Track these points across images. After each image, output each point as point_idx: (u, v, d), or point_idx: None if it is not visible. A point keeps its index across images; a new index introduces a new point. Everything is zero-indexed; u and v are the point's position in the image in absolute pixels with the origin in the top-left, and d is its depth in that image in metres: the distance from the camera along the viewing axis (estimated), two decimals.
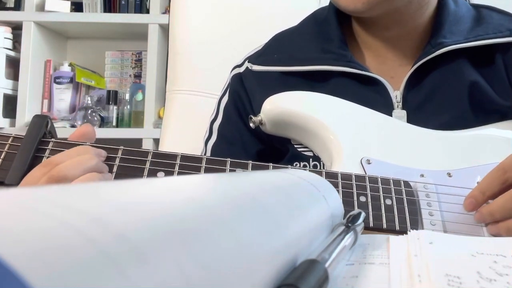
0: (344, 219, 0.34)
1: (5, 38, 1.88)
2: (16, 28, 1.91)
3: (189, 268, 0.14)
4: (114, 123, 1.94)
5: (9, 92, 1.89)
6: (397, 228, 0.49)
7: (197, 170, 0.51)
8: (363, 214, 0.35)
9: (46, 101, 1.95)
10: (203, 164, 0.51)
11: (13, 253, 0.10)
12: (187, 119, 0.94)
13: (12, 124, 1.86)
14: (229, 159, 0.52)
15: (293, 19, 0.80)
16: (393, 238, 0.34)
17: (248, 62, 0.73)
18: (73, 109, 1.97)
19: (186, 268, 0.14)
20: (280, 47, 0.74)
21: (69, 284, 0.11)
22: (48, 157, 0.48)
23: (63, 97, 1.96)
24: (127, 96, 1.97)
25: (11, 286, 0.10)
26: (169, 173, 0.50)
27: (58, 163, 0.45)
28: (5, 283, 0.10)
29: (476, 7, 0.73)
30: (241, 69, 0.74)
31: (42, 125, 0.50)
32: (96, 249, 0.12)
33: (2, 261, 0.10)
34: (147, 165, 0.50)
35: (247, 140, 0.72)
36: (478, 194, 0.49)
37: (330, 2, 0.74)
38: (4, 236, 0.11)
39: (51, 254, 0.11)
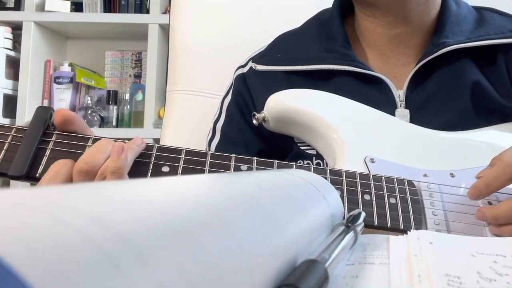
0: (344, 219, 0.34)
1: (5, 38, 1.88)
2: (16, 28, 1.91)
3: (189, 268, 0.14)
4: (114, 123, 1.94)
5: (9, 92, 1.89)
6: (402, 227, 0.49)
7: (202, 165, 0.50)
8: (363, 214, 0.35)
9: (46, 101, 1.95)
10: (208, 159, 0.50)
11: (13, 253, 0.10)
12: (187, 119, 0.94)
13: (12, 124, 1.86)
14: (234, 155, 0.52)
15: (294, 19, 0.80)
16: (393, 238, 0.34)
17: (252, 62, 0.74)
18: (73, 109, 1.97)
19: (186, 268, 0.14)
20: (283, 47, 0.74)
21: (69, 284, 0.11)
22: (51, 149, 0.48)
23: (63, 97, 1.96)
24: (127, 96, 1.97)
25: (11, 286, 0.10)
26: (173, 167, 0.49)
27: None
28: (5, 283, 0.10)
29: (478, 9, 0.74)
30: (245, 69, 0.75)
31: (46, 117, 0.49)
32: (96, 249, 0.12)
33: (2, 261, 0.10)
34: (152, 159, 0.49)
35: (249, 139, 0.72)
36: (482, 186, 0.49)
37: (334, 3, 0.75)
38: (4, 236, 0.11)
39: (51, 254, 0.11)
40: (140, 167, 0.49)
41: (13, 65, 1.91)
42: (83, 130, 0.50)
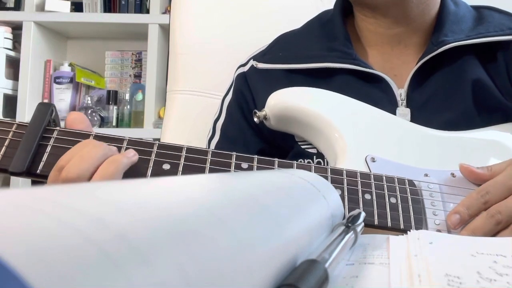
0: (344, 219, 0.34)
1: (5, 38, 1.88)
2: (16, 28, 1.91)
3: (189, 269, 0.14)
4: (114, 123, 1.94)
5: (9, 92, 1.89)
6: (402, 226, 0.49)
7: (202, 163, 0.50)
8: (363, 214, 0.35)
9: (46, 101, 1.95)
10: (209, 157, 0.50)
11: (13, 253, 0.10)
12: (187, 119, 0.94)
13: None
14: (235, 153, 0.52)
15: (293, 19, 0.80)
16: (393, 238, 0.34)
17: (253, 60, 0.74)
18: (73, 109, 1.97)
19: (186, 268, 0.14)
20: (285, 46, 0.75)
21: (69, 284, 0.11)
22: (52, 145, 0.48)
23: (63, 97, 1.96)
24: (127, 96, 1.97)
25: (11, 286, 0.10)
26: (174, 165, 0.49)
27: (67, 163, 0.44)
28: (5, 283, 0.10)
29: (477, 8, 0.74)
30: (246, 68, 0.75)
31: (47, 113, 0.49)
32: (97, 249, 0.12)
33: (2, 261, 0.10)
34: (153, 156, 0.49)
35: (249, 138, 0.72)
36: (463, 211, 0.49)
37: (335, 3, 0.75)
38: (4, 236, 0.11)
39: (52, 254, 0.11)
40: (141, 164, 0.48)
41: (13, 65, 1.91)
42: (88, 129, 0.51)
